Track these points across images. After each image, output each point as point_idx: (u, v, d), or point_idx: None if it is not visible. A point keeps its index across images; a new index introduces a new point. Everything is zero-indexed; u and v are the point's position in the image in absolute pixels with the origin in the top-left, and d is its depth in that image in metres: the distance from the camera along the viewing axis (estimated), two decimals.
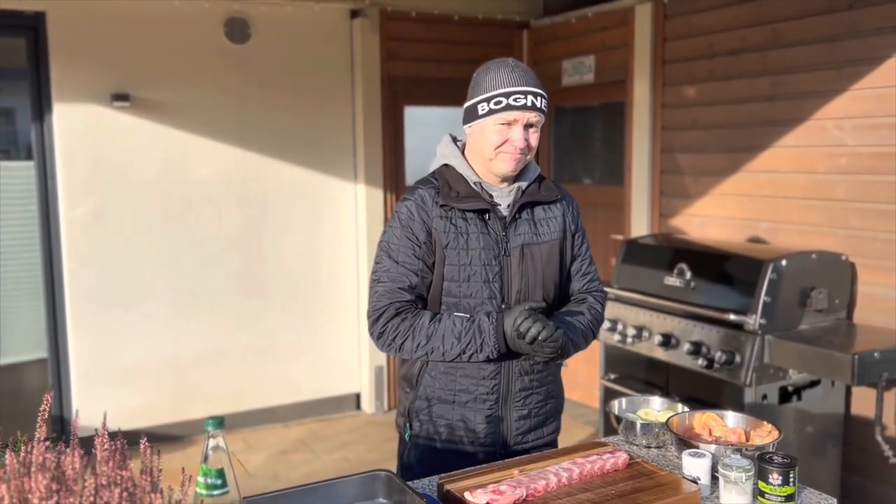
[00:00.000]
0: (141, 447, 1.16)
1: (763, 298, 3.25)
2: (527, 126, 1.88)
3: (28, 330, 4.56)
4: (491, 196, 1.94)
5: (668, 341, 3.56)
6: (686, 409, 2.00)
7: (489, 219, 1.92)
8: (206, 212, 4.74)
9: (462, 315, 1.87)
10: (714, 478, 1.68)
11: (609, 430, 3.93)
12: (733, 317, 3.30)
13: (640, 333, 3.75)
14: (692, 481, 1.66)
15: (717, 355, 3.31)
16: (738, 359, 3.27)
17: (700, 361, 3.40)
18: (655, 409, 2.08)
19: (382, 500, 1.61)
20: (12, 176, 4.44)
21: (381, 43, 5.00)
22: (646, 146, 4.55)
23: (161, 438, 4.57)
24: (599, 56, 4.92)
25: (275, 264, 4.95)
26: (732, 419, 1.93)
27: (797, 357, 3.16)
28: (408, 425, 2.02)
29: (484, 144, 1.90)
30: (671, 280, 3.68)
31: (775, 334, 3.25)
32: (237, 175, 4.80)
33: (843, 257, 3.51)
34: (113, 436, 1.15)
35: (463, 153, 2.00)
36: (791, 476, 1.58)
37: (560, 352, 1.85)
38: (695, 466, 1.68)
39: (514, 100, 1.85)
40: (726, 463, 1.61)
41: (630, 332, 3.78)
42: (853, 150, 3.53)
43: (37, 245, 4.44)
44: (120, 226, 4.52)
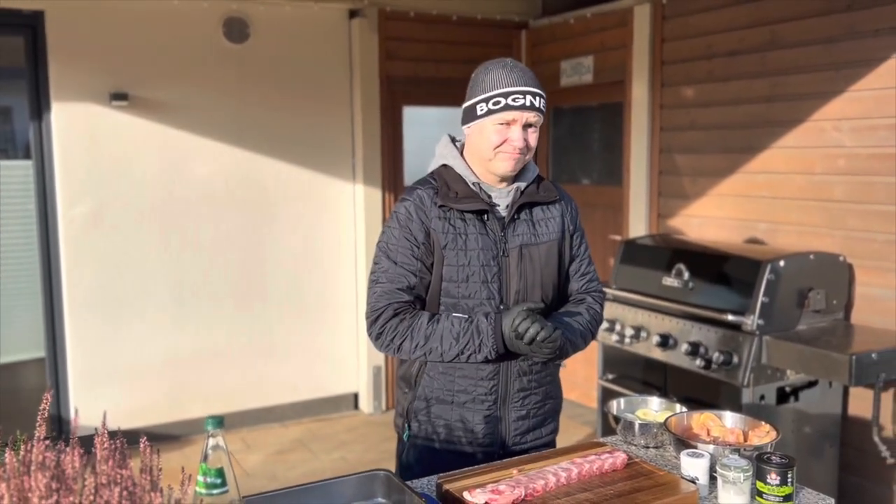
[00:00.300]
0: (141, 446, 1.16)
1: (761, 299, 3.26)
2: (526, 126, 1.89)
3: (26, 329, 4.56)
4: (489, 196, 1.94)
5: (667, 342, 3.57)
6: (684, 410, 2.00)
7: (487, 219, 1.92)
8: (205, 211, 4.73)
9: (460, 316, 1.87)
10: (712, 478, 1.68)
11: (607, 431, 3.94)
12: (731, 317, 3.30)
13: (639, 334, 3.75)
14: (690, 481, 1.66)
15: (715, 356, 3.32)
16: (736, 359, 3.27)
17: (698, 362, 3.40)
18: (654, 410, 2.08)
19: (381, 500, 1.61)
20: (10, 175, 4.44)
21: (380, 43, 5.01)
22: (644, 147, 4.55)
23: (159, 438, 4.56)
24: (598, 57, 4.92)
25: (273, 264, 4.95)
26: (730, 419, 1.94)
27: (795, 358, 3.17)
28: (406, 425, 2.02)
29: (483, 145, 1.90)
30: (669, 280, 3.68)
31: (773, 335, 3.26)
32: (235, 174, 4.80)
33: (841, 258, 3.52)
34: (112, 435, 1.15)
35: (462, 154, 2.00)
36: (789, 476, 1.58)
37: (558, 352, 1.85)
38: (693, 466, 1.68)
39: (513, 100, 1.85)
40: (724, 463, 1.61)
41: (628, 333, 3.78)
42: (851, 152, 3.53)
43: (35, 244, 4.44)
44: (118, 225, 4.51)
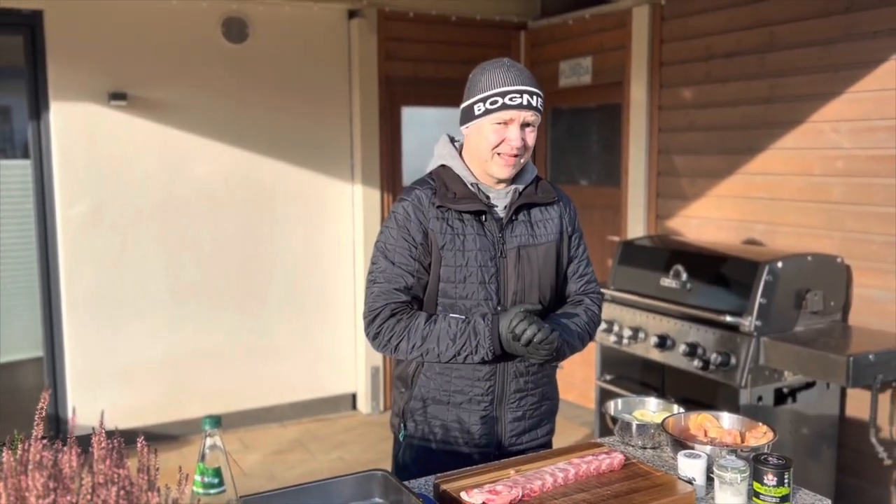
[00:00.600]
0: (138, 446, 1.16)
1: (759, 300, 3.26)
2: (523, 125, 1.88)
3: (24, 328, 4.56)
4: (488, 197, 1.94)
5: (664, 342, 3.57)
6: (681, 411, 2.01)
7: (486, 220, 1.92)
8: (203, 211, 4.73)
9: (457, 317, 1.87)
10: (709, 479, 1.68)
11: (605, 431, 3.94)
12: (729, 318, 3.31)
13: (636, 334, 3.75)
14: (687, 482, 1.66)
15: (713, 357, 3.32)
16: (734, 360, 3.27)
17: (695, 363, 3.40)
18: (651, 410, 2.08)
19: (379, 500, 1.61)
20: (9, 174, 4.44)
21: (379, 43, 5.01)
22: (642, 148, 4.56)
23: (157, 438, 4.56)
24: (597, 58, 4.93)
25: (271, 264, 4.95)
26: (728, 420, 1.94)
27: (792, 359, 3.17)
28: (402, 425, 2.02)
29: (481, 145, 1.90)
30: (667, 281, 3.69)
31: (771, 336, 3.26)
32: (234, 174, 4.80)
33: (839, 259, 3.52)
34: (110, 434, 1.15)
35: (461, 154, 2.00)
36: (786, 477, 1.58)
37: (555, 354, 1.85)
38: (690, 467, 1.68)
39: (510, 99, 1.85)
40: (721, 464, 1.61)
41: (626, 334, 3.79)
42: (849, 153, 3.54)
43: (33, 244, 4.43)
44: (117, 225, 4.51)
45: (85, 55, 4.36)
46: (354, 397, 5.30)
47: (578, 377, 5.31)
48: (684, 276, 3.61)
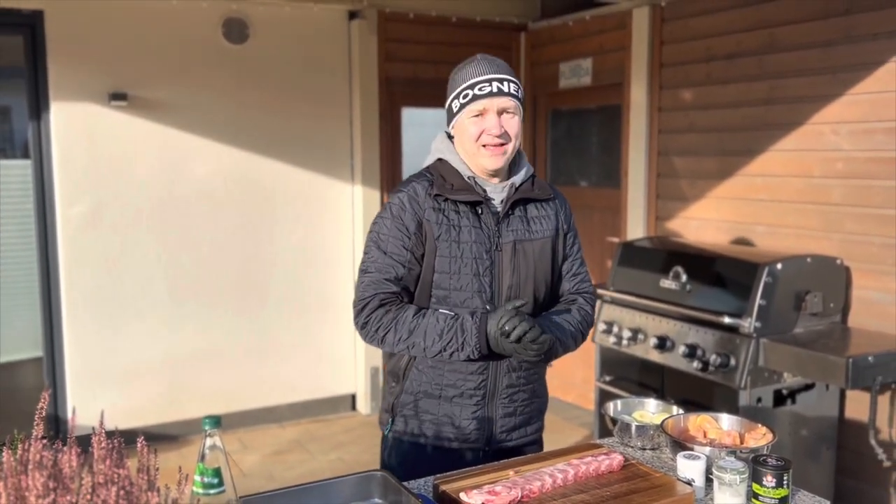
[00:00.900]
0: (138, 446, 1.16)
1: (758, 302, 3.26)
2: (500, 112, 1.89)
3: (24, 328, 4.56)
4: (484, 191, 1.94)
5: (664, 344, 3.57)
6: (681, 412, 2.01)
7: (482, 213, 1.92)
8: (203, 211, 4.74)
9: (446, 312, 1.86)
10: (708, 480, 1.68)
11: (604, 432, 3.94)
12: (728, 320, 3.31)
13: (636, 336, 3.75)
14: (687, 483, 1.67)
15: (712, 358, 3.32)
16: (733, 362, 3.28)
17: (695, 364, 3.41)
18: (650, 412, 2.08)
19: (378, 501, 1.62)
20: (9, 174, 4.44)
21: (379, 44, 5.01)
22: (642, 149, 4.56)
23: (156, 438, 4.56)
24: (597, 59, 4.93)
25: (271, 265, 4.95)
26: (727, 422, 1.94)
27: (792, 360, 3.17)
28: (391, 420, 2.01)
29: (465, 140, 1.92)
30: (667, 283, 3.69)
31: (770, 337, 3.26)
32: (234, 175, 4.80)
33: (839, 261, 3.53)
34: (110, 434, 1.15)
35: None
36: (785, 478, 1.59)
37: (546, 355, 1.85)
38: (689, 468, 1.69)
39: (480, 89, 1.88)
40: (721, 465, 1.61)
41: (625, 335, 3.79)
42: (849, 155, 3.54)
43: (33, 244, 4.43)
44: (116, 225, 4.51)
45: (85, 55, 4.36)
46: (354, 398, 5.30)
47: (578, 378, 5.32)
48: (684, 278, 3.62)
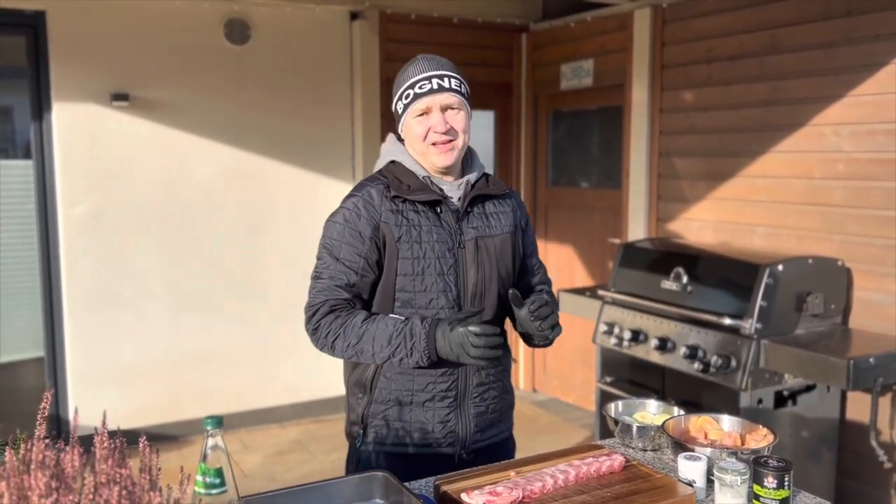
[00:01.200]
0: (140, 446, 1.16)
1: (759, 303, 3.26)
2: (445, 110, 1.88)
3: (25, 328, 4.56)
4: (441, 189, 1.92)
5: (665, 345, 3.57)
6: (682, 413, 2.01)
7: (441, 212, 1.90)
8: (204, 212, 4.74)
9: (396, 317, 1.84)
10: (709, 481, 1.68)
11: (605, 433, 3.94)
12: (729, 321, 3.31)
13: (637, 337, 3.75)
14: (688, 484, 1.67)
15: (713, 359, 3.32)
16: (734, 363, 3.28)
17: (696, 365, 3.41)
18: (651, 413, 2.08)
19: (379, 501, 1.62)
20: (11, 175, 4.44)
21: (381, 45, 5.01)
22: (643, 150, 4.56)
23: (157, 438, 4.56)
24: (598, 60, 4.93)
25: (272, 265, 4.95)
26: (728, 423, 1.94)
27: (793, 361, 3.17)
28: (361, 432, 1.96)
29: (413, 141, 1.91)
30: (668, 284, 3.69)
31: (771, 339, 3.26)
32: (235, 175, 4.81)
33: (840, 263, 3.53)
34: (112, 434, 1.15)
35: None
36: (786, 480, 1.59)
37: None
38: (690, 469, 1.69)
39: (420, 87, 1.87)
40: (722, 466, 1.61)
41: (626, 336, 3.79)
42: (850, 157, 3.54)
43: (34, 244, 4.44)
44: (118, 225, 4.52)
45: (87, 56, 4.36)
46: None
47: (579, 379, 5.32)
48: (685, 279, 3.62)
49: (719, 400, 3.37)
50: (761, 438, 1.84)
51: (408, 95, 1.89)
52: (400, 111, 1.93)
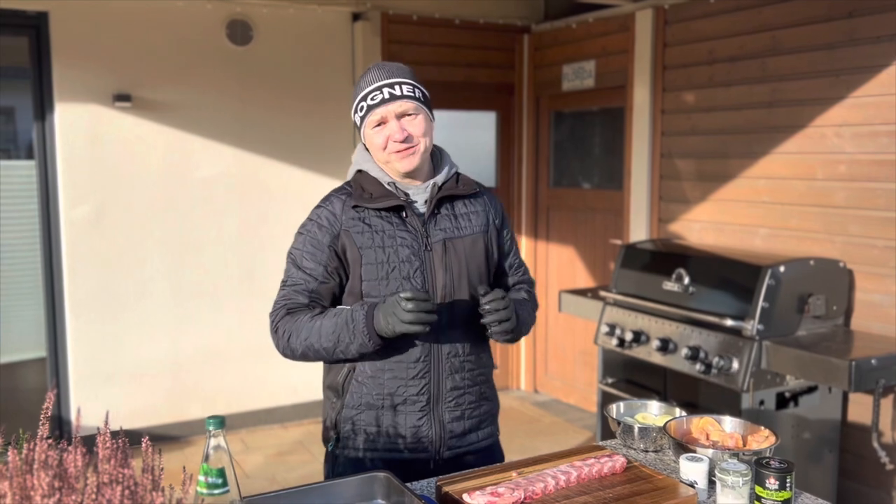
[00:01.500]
0: (143, 446, 1.17)
1: (761, 304, 3.26)
2: (401, 116, 1.88)
3: (27, 329, 4.56)
4: (407, 195, 1.93)
5: (666, 346, 3.57)
6: (684, 414, 2.01)
7: (407, 216, 1.91)
8: (207, 212, 4.74)
9: (342, 308, 1.86)
10: (711, 482, 1.69)
11: (606, 434, 3.94)
12: (731, 322, 3.31)
13: (638, 338, 3.75)
14: (689, 485, 1.67)
15: (715, 360, 3.32)
16: (736, 364, 3.28)
17: (698, 366, 3.40)
18: (653, 414, 2.08)
19: (380, 502, 1.62)
20: (13, 175, 4.45)
21: (383, 46, 5.02)
22: (645, 151, 4.56)
23: (158, 438, 4.57)
24: (600, 61, 4.93)
25: (274, 266, 4.95)
26: (729, 424, 1.94)
27: (794, 363, 3.17)
28: (336, 437, 1.97)
29: (375, 151, 1.93)
30: (669, 285, 3.69)
31: (773, 340, 3.26)
32: (238, 176, 4.81)
33: (841, 264, 3.53)
34: (114, 434, 1.15)
35: None
36: (788, 481, 1.59)
37: (513, 333, 1.89)
38: (692, 470, 1.69)
39: (372, 98, 1.88)
40: (723, 467, 1.61)
41: (628, 337, 3.79)
42: (852, 158, 3.54)
43: (37, 244, 4.45)
44: (120, 226, 4.52)
45: (90, 56, 4.37)
46: None
47: (580, 380, 5.32)
48: (686, 280, 3.62)
49: (721, 401, 3.37)
50: (763, 440, 1.84)
51: (362, 108, 1.90)
52: (358, 123, 1.95)
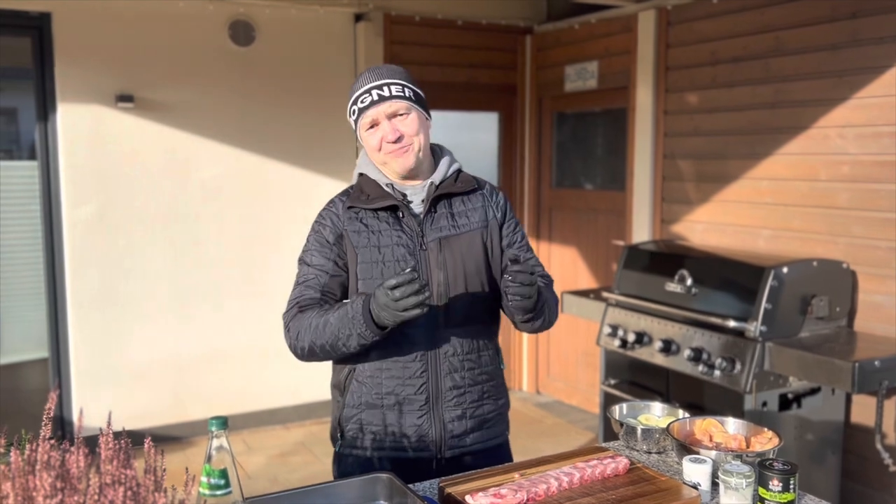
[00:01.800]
0: (145, 447, 1.16)
1: (764, 305, 3.26)
2: (393, 117, 1.88)
3: (30, 329, 4.57)
4: (404, 195, 1.94)
5: (669, 347, 3.57)
6: (686, 415, 2.01)
7: (403, 216, 1.92)
8: (209, 213, 4.75)
9: (345, 302, 1.86)
10: (714, 484, 1.68)
11: (609, 436, 3.93)
12: (734, 323, 3.30)
13: (641, 339, 3.75)
14: (692, 487, 1.66)
15: (718, 362, 3.32)
16: (739, 365, 3.27)
17: (700, 368, 3.40)
18: (656, 415, 2.08)
19: (383, 503, 1.62)
20: (16, 175, 4.45)
21: (385, 47, 5.02)
22: (648, 152, 4.56)
23: (160, 439, 4.56)
24: (602, 62, 4.93)
25: (276, 266, 4.95)
26: (733, 425, 1.94)
27: (797, 364, 3.17)
28: (339, 435, 1.97)
29: (371, 153, 1.94)
30: (672, 286, 3.68)
31: (776, 341, 3.25)
32: (240, 176, 4.81)
33: (844, 265, 3.52)
34: (117, 435, 1.15)
35: None
36: (791, 483, 1.58)
37: (534, 308, 1.82)
38: (695, 472, 1.68)
39: (362, 101, 1.89)
40: (727, 469, 1.61)
41: (631, 338, 3.78)
42: (855, 159, 3.54)
43: (39, 245, 4.45)
44: (122, 226, 4.53)
45: (92, 57, 4.37)
46: None
47: (583, 382, 5.31)
48: (689, 281, 3.61)
49: (724, 402, 3.36)
50: (766, 441, 1.83)
51: (354, 111, 1.92)
52: (353, 127, 1.96)
